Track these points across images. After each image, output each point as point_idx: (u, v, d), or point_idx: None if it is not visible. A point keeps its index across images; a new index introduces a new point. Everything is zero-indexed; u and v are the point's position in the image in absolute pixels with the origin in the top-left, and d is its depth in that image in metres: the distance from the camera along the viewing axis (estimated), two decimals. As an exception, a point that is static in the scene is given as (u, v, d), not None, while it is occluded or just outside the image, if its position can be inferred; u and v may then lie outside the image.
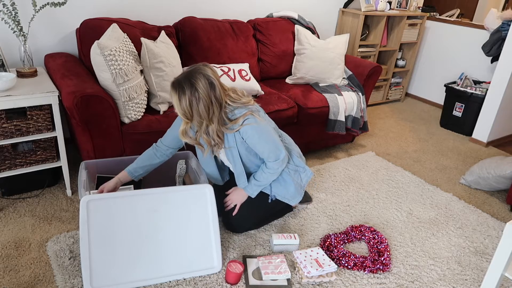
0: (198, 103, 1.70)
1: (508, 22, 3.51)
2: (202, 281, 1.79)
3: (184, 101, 1.70)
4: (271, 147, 1.90)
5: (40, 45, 2.56)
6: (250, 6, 3.37)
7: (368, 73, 3.15)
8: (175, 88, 1.70)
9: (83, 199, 1.66)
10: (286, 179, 2.08)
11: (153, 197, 1.77)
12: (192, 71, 1.72)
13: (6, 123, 2.05)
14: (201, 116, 1.74)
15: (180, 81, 1.70)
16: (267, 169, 1.95)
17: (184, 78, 1.70)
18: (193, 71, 1.72)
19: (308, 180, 2.16)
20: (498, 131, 3.68)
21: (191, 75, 1.70)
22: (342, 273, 1.93)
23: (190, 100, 1.69)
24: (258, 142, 1.87)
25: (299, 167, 2.11)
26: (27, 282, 1.72)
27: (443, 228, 2.36)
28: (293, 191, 2.10)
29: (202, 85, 1.69)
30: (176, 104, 1.73)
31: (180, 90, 1.69)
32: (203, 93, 1.69)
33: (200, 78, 1.69)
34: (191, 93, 1.68)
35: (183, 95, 1.69)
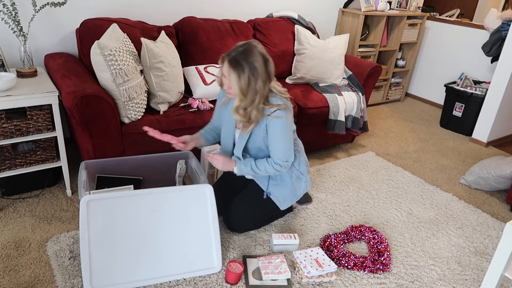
0: (256, 81, 1.74)
1: (508, 22, 3.51)
2: (202, 281, 1.79)
3: (243, 79, 1.73)
4: (285, 147, 1.92)
5: (40, 45, 2.56)
6: (250, 6, 3.37)
7: (368, 73, 3.15)
8: (234, 66, 1.73)
9: (83, 199, 1.66)
10: (285, 181, 2.08)
11: (153, 197, 1.77)
12: (248, 49, 1.74)
13: (6, 123, 2.05)
14: (256, 92, 1.77)
15: (238, 60, 1.72)
16: (273, 164, 1.94)
17: (242, 56, 1.72)
18: (249, 48, 1.74)
19: (305, 191, 2.16)
20: (498, 131, 3.68)
21: (248, 52, 1.73)
22: (342, 273, 1.93)
23: (249, 78, 1.73)
24: (278, 136, 1.89)
25: (303, 175, 2.13)
26: (27, 282, 1.72)
27: (443, 228, 2.36)
28: (286, 194, 2.09)
29: (260, 63, 1.73)
30: (234, 82, 1.75)
31: (240, 69, 1.72)
32: (261, 71, 1.73)
33: (258, 56, 1.73)
34: (250, 71, 1.72)
35: (242, 73, 1.72)
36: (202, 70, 2.70)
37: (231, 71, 1.74)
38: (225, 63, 1.76)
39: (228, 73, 1.76)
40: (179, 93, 2.58)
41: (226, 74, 1.77)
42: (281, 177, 2.08)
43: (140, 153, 2.29)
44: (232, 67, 1.74)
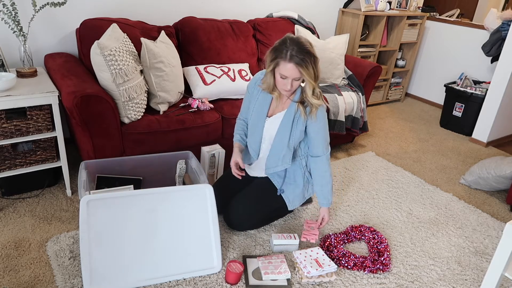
0: (317, 65, 1.84)
1: (508, 22, 3.51)
2: (202, 281, 1.79)
3: (311, 68, 1.81)
4: (326, 138, 2.04)
5: (40, 45, 2.56)
6: (250, 6, 3.37)
7: (368, 73, 3.15)
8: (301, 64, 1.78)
9: (83, 199, 1.66)
10: (297, 182, 2.12)
11: (153, 197, 1.77)
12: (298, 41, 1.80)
13: (6, 123, 2.05)
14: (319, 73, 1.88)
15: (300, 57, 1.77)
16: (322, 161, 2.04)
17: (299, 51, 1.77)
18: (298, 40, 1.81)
19: (311, 195, 2.22)
20: (498, 131, 3.68)
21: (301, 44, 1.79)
22: (342, 273, 1.93)
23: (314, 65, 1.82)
24: (324, 127, 2.01)
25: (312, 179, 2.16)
26: (27, 282, 1.72)
27: (443, 228, 2.36)
28: (297, 194, 2.13)
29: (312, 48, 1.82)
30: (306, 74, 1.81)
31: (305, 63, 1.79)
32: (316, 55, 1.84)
33: (307, 44, 1.81)
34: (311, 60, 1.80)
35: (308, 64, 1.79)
36: (202, 70, 2.70)
37: (299, 67, 1.79)
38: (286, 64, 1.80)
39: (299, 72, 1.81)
40: (179, 93, 2.58)
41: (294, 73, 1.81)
42: (295, 178, 2.11)
43: (140, 153, 2.29)
44: (300, 65, 1.79)
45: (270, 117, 2.04)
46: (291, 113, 1.97)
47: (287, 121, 1.98)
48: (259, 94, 2.05)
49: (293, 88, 1.87)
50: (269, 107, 2.04)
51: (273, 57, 1.83)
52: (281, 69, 1.82)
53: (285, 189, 2.12)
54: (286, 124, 1.98)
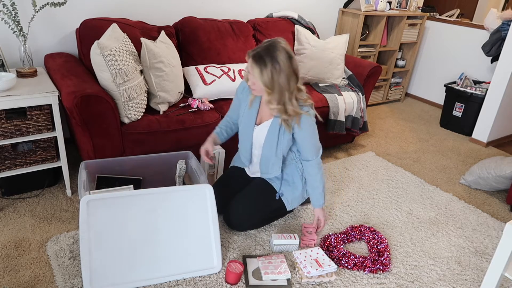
0: (279, 75, 1.76)
1: (508, 22, 3.51)
2: (202, 281, 1.79)
3: (266, 74, 1.76)
4: (315, 143, 2.03)
5: (40, 45, 2.56)
6: (250, 6, 3.37)
7: (368, 73, 3.15)
8: (256, 61, 1.75)
9: (83, 199, 1.66)
10: (296, 183, 2.12)
11: (153, 197, 1.77)
12: (271, 45, 1.77)
13: (6, 123, 2.05)
14: (282, 86, 1.80)
15: (260, 54, 1.75)
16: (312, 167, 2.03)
17: (265, 52, 1.75)
18: (272, 44, 1.78)
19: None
20: (498, 131, 3.68)
21: (271, 48, 1.76)
22: (342, 273, 1.93)
23: (272, 72, 1.75)
24: (311, 135, 1.98)
25: None
26: (27, 282, 1.72)
27: (443, 228, 2.36)
28: (296, 196, 2.14)
29: (282, 58, 1.75)
30: (258, 77, 1.78)
31: (261, 63, 1.75)
32: (284, 65, 1.76)
33: (280, 51, 1.76)
34: (272, 66, 1.74)
35: (264, 68, 1.75)
36: (202, 70, 2.70)
37: (254, 66, 1.77)
38: (249, 58, 1.79)
39: (251, 68, 1.79)
40: (179, 93, 2.58)
41: (250, 69, 1.80)
42: (293, 180, 2.11)
43: (140, 153, 2.29)
44: (255, 62, 1.77)
45: (258, 125, 2.03)
46: (276, 122, 1.96)
47: (274, 130, 1.97)
48: (246, 96, 2.04)
49: (255, 87, 1.85)
50: (257, 115, 2.03)
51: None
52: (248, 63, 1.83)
53: (284, 191, 2.12)
54: (272, 133, 1.98)
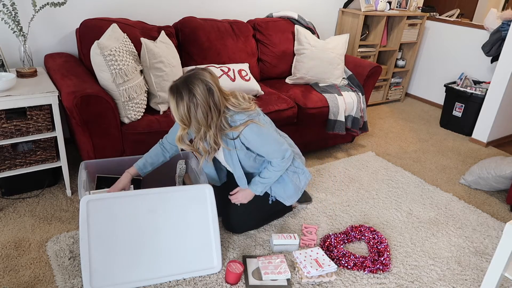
0: (196, 110, 1.67)
1: (508, 22, 3.51)
2: (202, 281, 1.79)
3: (182, 107, 1.66)
4: (275, 148, 1.90)
5: (40, 45, 2.56)
6: (250, 6, 3.37)
7: (368, 73, 3.15)
8: (173, 93, 1.67)
9: (83, 199, 1.66)
10: (285, 180, 2.08)
11: (153, 197, 1.77)
12: (190, 76, 1.68)
13: (6, 123, 2.05)
14: (199, 122, 1.70)
15: (178, 86, 1.66)
16: (272, 167, 1.96)
17: (182, 83, 1.66)
18: (191, 76, 1.68)
19: (307, 182, 2.16)
20: (498, 131, 3.68)
21: (189, 80, 1.66)
22: (342, 273, 1.93)
23: (188, 106, 1.66)
24: (261, 144, 1.86)
25: (298, 168, 2.11)
26: (27, 282, 1.72)
27: (443, 228, 2.36)
28: (291, 192, 2.10)
29: (200, 91, 1.65)
30: (173, 110, 1.70)
31: (178, 96, 1.65)
32: (201, 99, 1.66)
33: (198, 84, 1.65)
34: (189, 99, 1.65)
35: (181, 101, 1.66)
36: (202, 70, 2.70)
37: (170, 98, 1.68)
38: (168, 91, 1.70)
39: (168, 100, 1.71)
40: (179, 93, 2.57)
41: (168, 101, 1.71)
42: (280, 177, 2.08)
43: (140, 153, 2.29)
44: (171, 94, 1.67)
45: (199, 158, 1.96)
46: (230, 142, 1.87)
47: (227, 151, 1.90)
48: None
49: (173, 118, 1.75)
50: None
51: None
52: None
53: (276, 192, 2.09)
54: (227, 153, 1.91)
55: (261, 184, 2.00)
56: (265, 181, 1.99)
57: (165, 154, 2.06)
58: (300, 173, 2.12)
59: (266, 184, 2.01)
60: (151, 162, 2.03)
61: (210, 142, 1.80)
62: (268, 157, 1.92)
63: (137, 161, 2.02)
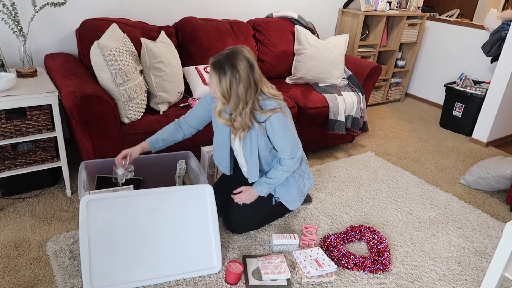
0: (238, 85, 1.71)
1: (508, 22, 3.51)
2: (202, 281, 1.79)
3: (224, 82, 1.70)
4: (291, 144, 1.91)
5: (40, 45, 2.56)
6: (250, 6, 3.37)
7: (368, 73, 3.15)
8: (216, 68, 1.71)
9: (83, 199, 1.66)
10: (290, 182, 2.09)
11: (153, 197, 1.77)
12: (233, 52, 1.72)
13: (6, 123, 2.05)
14: (239, 97, 1.73)
15: (221, 62, 1.70)
16: (281, 167, 1.95)
17: (225, 59, 1.70)
18: (234, 52, 1.72)
19: (309, 187, 2.19)
20: (498, 131, 3.68)
21: (232, 56, 1.70)
22: (342, 273, 1.93)
23: (231, 82, 1.70)
24: (282, 136, 1.87)
25: (304, 172, 2.14)
26: (27, 282, 1.72)
27: (443, 228, 2.36)
28: (294, 195, 2.11)
29: (243, 67, 1.70)
30: (215, 85, 1.72)
31: (221, 71, 1.69)
32: (244, 75, 1.70)
33: (242, 60, 1.70)
34: (232, 75, 1.69)
35: (223, 76, 1.69)
36: (202, 70, 2.70)
37: (213, 74, 1.72)
38: (210, 65, 1.75)
39: (210, 75, 1.75)
40: (179, 93, 2.58)
41: (209, 76, 1.75)
42: (286, 179, 2.08)
43: (140, 153, 2.29)
44: (214, 70, 1.72)
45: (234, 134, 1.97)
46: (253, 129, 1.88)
47: (248, 136, 1.91)
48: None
49: (212, 92, 1.80)
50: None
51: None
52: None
53: (279, 194, 2.10)
54: (247, 139, 1.91)
55: (266, 184, 1.99)
56: (271, 182, 1.99)
57: (178, 134, 2.08)
58: (305, 178, 2.14)
59: (272, 185, 2.01)
60: (163, 138, 2.05)
61: (245, 120, 1.81)
62: (281, 151, 1.92)
63: (150, 137, 2.04)
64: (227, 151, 2.06)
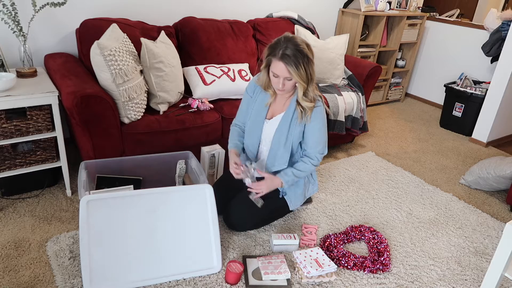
0: (310, 66, 1.82)
1: (508, 22, 3.51)
2: (202, 281, 1.79)
3: (301, 69, 1.78)
4: (323, 140, 2.01)
5: (40, 45, 2.56)
6: (250, 6, 3.37)
7: (368, 73, 3.15)
8: (288, 61, 1.77)
9: (83, 199, 1.66)
10: (299, 183, 2.13)
11: (153, 197, 1.77)
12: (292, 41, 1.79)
13: (6, 123, 2.05)
14: (312, 77, 1.86)
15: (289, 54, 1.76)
16: (311, 160, 2.01)
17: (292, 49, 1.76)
18: (293, 40, 1.79)
19: (312, 194, 2.24)
20: (498, 131, 3.68)
21: (295, 43, 1.78)
22: (342, 273, 1.93)
23: (305, 66, 1.79)
24: (319, 128, 1.97)
25: (312, 178, 2.21)
26: (27, 282, 1.72)
27: (443, 228, 2.36)
28: (298, 195, 2.14)
29: (307, 50, 1.80)
30: (295, 74, 1.79)
31: (294, 60, 1.77)
32: (310, 56, 1.82)
33: (303, 45, 1.80)
34: (303, 60, 1.78)
35: (299, 64, 1.77)
36: (202, 70, 2.70)
37: (288, 66, 1.77)
38: (277, 63, 1.79)
39: (283, 69, 1.79)
40: (179, 93, 2.58)
41: (281, 71, 1.80)
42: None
43: (140, 153, 2.29)
44: (286, 62, 1.77)
45: (269, 119, 2.04)
46: (289, 115, 1.97)
47: (285, 122, 1.98)
48: (257, 96, 2.05)
49: (285, 88, 1.86)
50: (268, 109, 2.03)
51: (267, 54, 1.84)
52: (273, 67, 1.82)
53: (287, 191, 2.12)
54: (284, 125, 1.98)
55: (293, 176, 2.02)
56: (298, 174, 2.02)
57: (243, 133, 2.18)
58: (312, 183, 2.21)
59: (297, 178, 2.04)
60: (240, 139, 2.15)
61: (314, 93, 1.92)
62: (312, 146, 1.99)
63: (229, 145, 2.13)
64: (258, 136, 2.08)
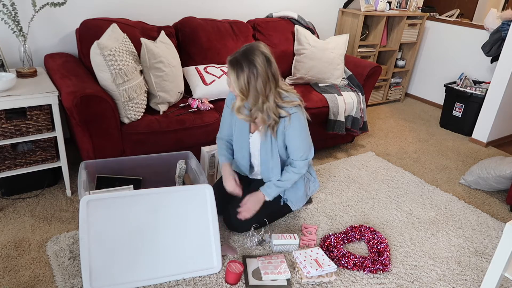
0: (256, 80, 1.73)
1: (508, 22, 3.51)
2: (202, 281, 1.79)
3: (242, 78, 1.72)
4: (306, 145, 1.94)
5: (40, 45, 2.56)
6: (250, 6, 3.37)
7: (368, 73, 3.15)
8: (233, 66, 1.73)
9: (83, 199, 1.66)
10: (298, 184, 2.12)
11: (153, 197, 1.77)
12: (249, 49, 1.74)
13: (6, 123, 2.05)
14: (258, 92, 1.75)
15: (238, 59, 1.72)
16: (293, 168, 1.97)
17: (242, 56, 1.72)
18: (250, 48, 1.74)
19: (314, 192, 2.22)
20: (498, 131, 3.68)
21: (248, 52, 1.73)
22: (342, 273, 1.93)
23: (249, 77, 1.72)
24: (298, 135, 1.90)
25: (312, 176, 2.19)
26: (27, 282, 1.72)
27: (443, 228, 2.36)
28: (300, 196, 2.14)
29: (260, 62, 1.71)
30: (234, 82, 1.75)
31: (239, 68, 1.72)
32: (261, 70, 1.72)
33: (258, 55, 1.72)
34: (250, 70, 1.71)
35: (241, 73, 1.71)
36: (202, 70, 2.70)
37: (230, 71, 1.75)
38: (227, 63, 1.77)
39: (228, 73, 1.77)
40: (179, 93, 2.58)
41: (227, 74, 1.78)
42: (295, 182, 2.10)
43: (140, 153, 2.29)
44: (231, 67, 1.74)
45: (253, 133, 2.01)
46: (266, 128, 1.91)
47: (266, 135, 1.93)
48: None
49: (232, 90, 1.81)
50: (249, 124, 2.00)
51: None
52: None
53: (287, 195, 2.12)
54: (266, 138, 1.94)
55: (275, 187, 1.99)
56: (280, 184, 1.99)
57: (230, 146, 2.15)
58: (312, 181, 2.19)
59: (281, 188, 2.01)
60: (229, 151, 2.13)
61: (269, 114, 1.83)
62: (294, 153, 1.94)
63: (220, 158, 2.10)
64: (247, 150, 2.06)
